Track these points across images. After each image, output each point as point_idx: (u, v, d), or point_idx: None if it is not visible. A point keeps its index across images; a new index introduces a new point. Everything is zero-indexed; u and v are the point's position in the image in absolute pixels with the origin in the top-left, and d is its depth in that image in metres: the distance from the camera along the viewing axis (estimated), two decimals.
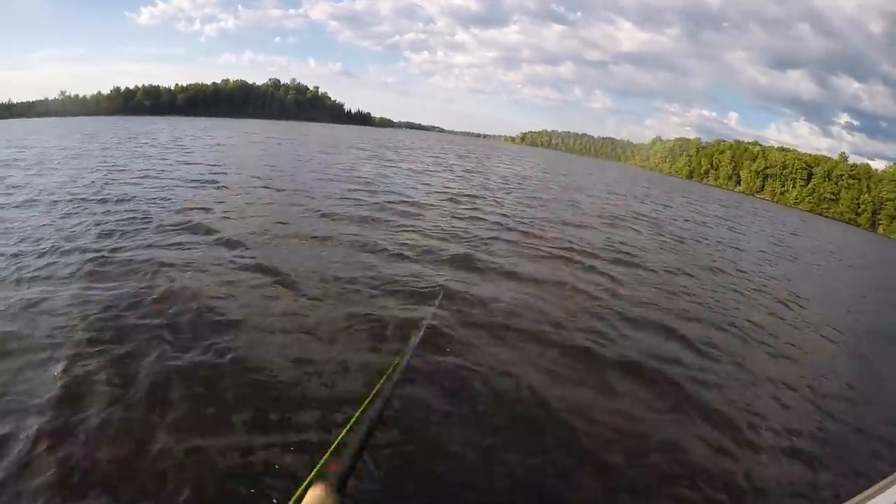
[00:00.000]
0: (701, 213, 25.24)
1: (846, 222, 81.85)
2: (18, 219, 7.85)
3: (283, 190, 12.38)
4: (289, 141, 31.94)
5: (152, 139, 26.06)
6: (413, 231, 9.33)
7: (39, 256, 6.16)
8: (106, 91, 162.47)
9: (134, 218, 8.33)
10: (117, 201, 9.40)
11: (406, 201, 12.33)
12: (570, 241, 10.66)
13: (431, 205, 12.27)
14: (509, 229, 10.87)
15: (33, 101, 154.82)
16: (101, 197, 9.70)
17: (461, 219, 11.09)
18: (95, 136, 24.44)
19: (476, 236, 9.72)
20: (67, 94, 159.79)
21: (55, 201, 9.06)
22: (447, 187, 16.99)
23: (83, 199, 9.34)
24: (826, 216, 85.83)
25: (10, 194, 9.76)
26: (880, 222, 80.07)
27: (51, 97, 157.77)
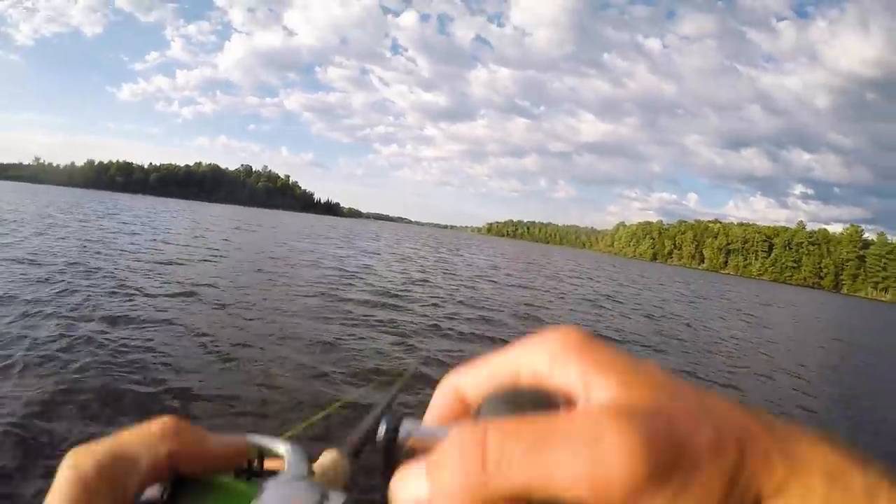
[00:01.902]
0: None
1: (810, 287, 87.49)
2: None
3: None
4: (269, 229, 31.41)
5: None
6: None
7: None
8: (80, 163, 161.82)
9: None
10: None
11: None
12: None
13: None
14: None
15: (6, 164, 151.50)
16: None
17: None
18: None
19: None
20: (42, 161, 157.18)
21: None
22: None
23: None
24: (790, 283, 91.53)
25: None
26: (843, 282, 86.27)
27: (25, 162, 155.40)
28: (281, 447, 0.29)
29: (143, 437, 0.25)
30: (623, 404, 0.18)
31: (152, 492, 0.25)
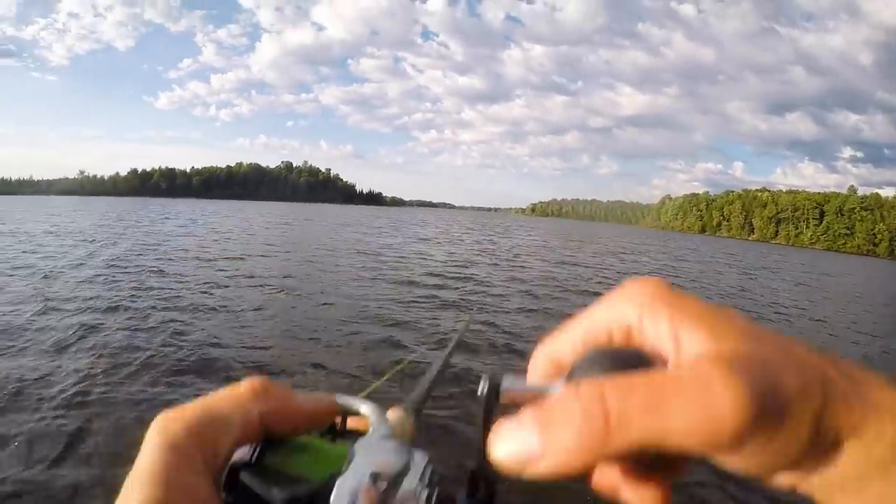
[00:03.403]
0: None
1: (864, 254, 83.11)
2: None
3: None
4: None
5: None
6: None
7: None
8: (123, 172, 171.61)
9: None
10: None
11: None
12: None
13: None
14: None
15: (53, 180, 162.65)
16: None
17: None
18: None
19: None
20: (86, 173, 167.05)
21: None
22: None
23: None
24: (843, 251, 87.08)
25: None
26: None
27: (70, 176, 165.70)
28: (364, 407, 0.30)
29: (234, 398, 0.26)
30: (723, 354, 0.19)
31: (241, 453, 0.26)
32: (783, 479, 0.20)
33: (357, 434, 0.28)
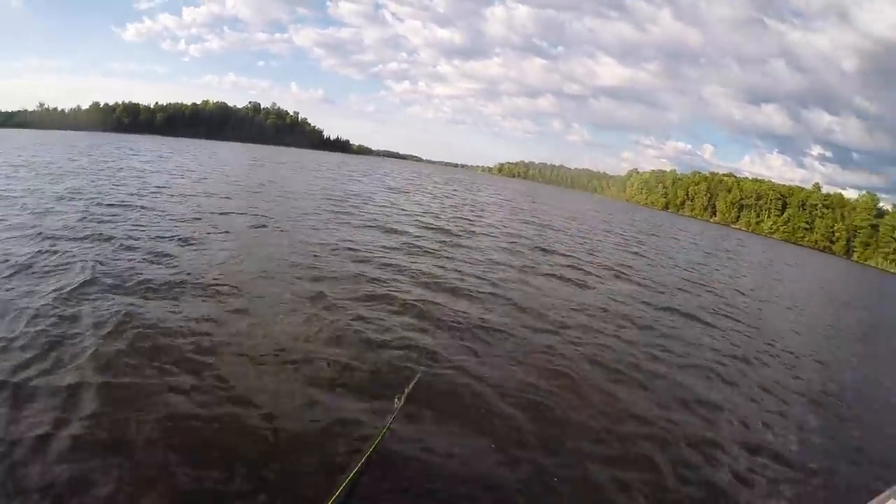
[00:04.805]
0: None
1: (820, 250, 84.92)
2: None
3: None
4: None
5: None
6: None
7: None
8: (85, 105, 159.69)
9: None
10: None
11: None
12: None
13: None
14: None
15: (12, 112, 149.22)
16: None
17: None
18: None
19: None
20: (46, 106, 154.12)
21: None
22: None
23: None
24: (800, 244, 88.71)
25: None
26: (855, 249, 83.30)
27: (30, 108, 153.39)
28: None
29: None
30: None
31: None
32: None
33: None
